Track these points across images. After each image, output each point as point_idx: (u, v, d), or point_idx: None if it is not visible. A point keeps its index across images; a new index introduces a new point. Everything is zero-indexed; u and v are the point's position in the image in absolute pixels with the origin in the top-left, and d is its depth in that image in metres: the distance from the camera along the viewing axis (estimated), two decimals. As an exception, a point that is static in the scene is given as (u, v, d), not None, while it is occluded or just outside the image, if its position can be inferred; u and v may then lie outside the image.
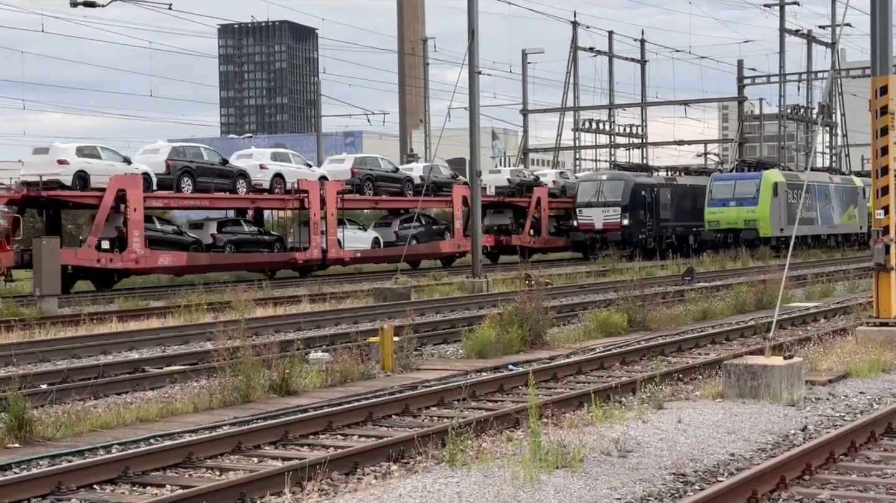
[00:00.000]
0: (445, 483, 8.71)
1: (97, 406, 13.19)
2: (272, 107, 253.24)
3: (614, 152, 75.34)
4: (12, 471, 9.98)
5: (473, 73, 35.04)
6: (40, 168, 34.33)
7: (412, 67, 72.62)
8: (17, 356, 16.15)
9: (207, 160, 38.67)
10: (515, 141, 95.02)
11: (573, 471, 9.11)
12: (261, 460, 10.48)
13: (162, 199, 37.56)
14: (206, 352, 17.04)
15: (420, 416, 12.65)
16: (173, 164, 37.09)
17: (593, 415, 11.33)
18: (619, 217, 51.47)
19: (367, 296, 29.32)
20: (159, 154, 37.50)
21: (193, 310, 24.51)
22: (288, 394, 13.94)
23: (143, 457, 10.02)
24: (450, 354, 18.12)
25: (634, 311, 21.08)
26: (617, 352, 17.23)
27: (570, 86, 72.48)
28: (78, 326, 22.55)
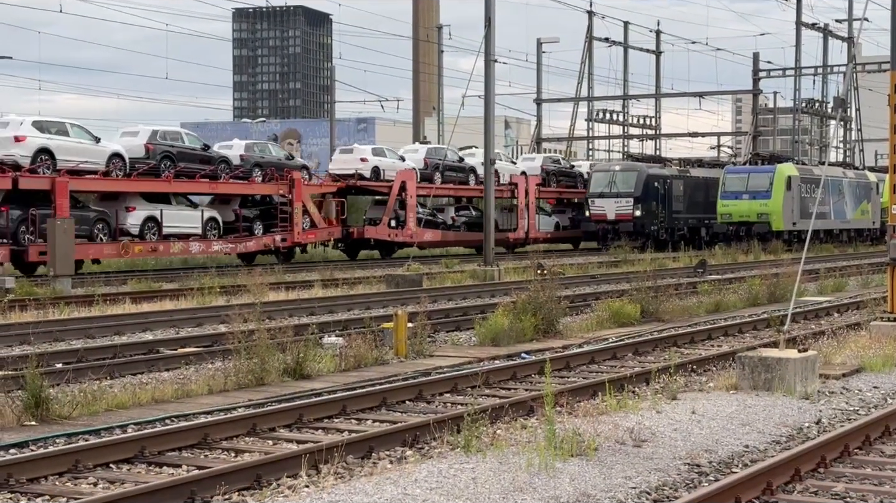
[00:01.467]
0: (461, 468, 8.75)
1: (113, 386, 13.25)
2: (285, 92, 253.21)
3: (627, 143, 75.23)
4: (29, 448, 10.04)
5: (489, 62, 35.00)
6: (347, 164, 43.96)
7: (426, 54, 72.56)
8: (32, 335, 16.20)
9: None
10: (528, 130, 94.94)
11: (588, 459, 9.14)
12: (276, 443, 10.52)
13: (425, 189, 44.07)
14: (220, 334, 17.10)
15: (434, 402, 12.69)
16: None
17: (607, 405, 11.35)
18: (631, 208, 51.40)
19: (380, 283, 29.37)
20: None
21: (206, 293, 24.57)
22: (302, 377, 13.99)
23: (158, 438, 10.07)
24: (463, 342, 18.16)
25: (647, 302, 21.10)
26: (630, 343, 17.24)
27: (584, 75, 72.37)
28: (91, 307, 22.63)
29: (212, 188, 37.67)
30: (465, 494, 8.05)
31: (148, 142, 36.04)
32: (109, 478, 9.08)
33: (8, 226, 30.75)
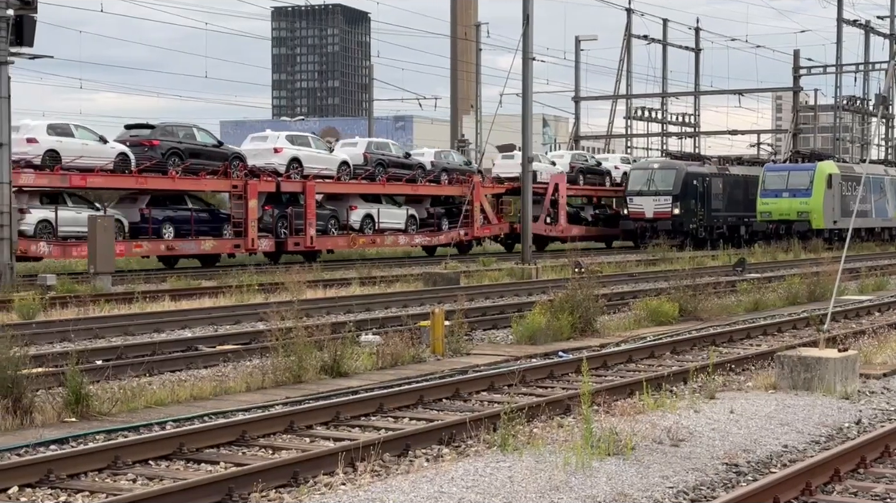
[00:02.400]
0: (497, 467, 8.75)
1: (152, 383, 13.34)
2: (324, 90, 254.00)
3: (666, 141, 74.88)
4: (70, 444, 10.12)
5: (527, 59, 34.98)
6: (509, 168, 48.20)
7: (465, 52, 72.50)
8: (73, 332, 16.35)
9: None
10: (566, 128, 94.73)
11: (625, 458, 9.11)
12: (313, 440, 10.56)
13: (572, 189, 51.73)
14: (259, 332, 17.18)
15: (471, 401, 12.68)
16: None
17: (645, 404, 11.31)
18: (669, 206, 51.19)
19: (417, 281, 29.40)
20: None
21: (245, 290, 24.69)
22: (339, 375, 14.03)
23: (197, 435, 10.13)
24: (500, 340, 18.14)
25: (685, 301, 20.98)
26: (668, 342, 17.17)
27: (622, 73, 72.10)
28: (131, 304, 22.80)
29: (413, 190, 43.80)
30: (501, 493, 8.05)
31: (365, 151, 42.50)
32: (148, 475, 9.15)
33: (273, 222, 37.80)
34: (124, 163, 34.10)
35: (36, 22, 27.68)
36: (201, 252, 36.74)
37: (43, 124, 33.43)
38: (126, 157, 34.15)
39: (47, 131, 32.87)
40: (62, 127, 33.90)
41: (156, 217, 35.14)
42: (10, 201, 27.77)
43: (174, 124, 37.70)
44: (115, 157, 33.87)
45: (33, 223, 31.86)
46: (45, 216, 32.19)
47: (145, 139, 35.52)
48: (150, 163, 34.87)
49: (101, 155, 33.58)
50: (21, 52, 27.99)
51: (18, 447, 9.92)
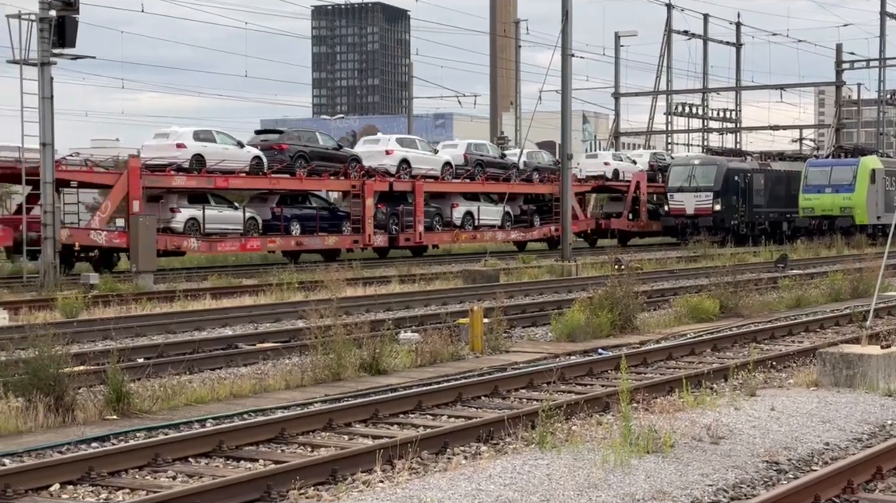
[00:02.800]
0: (535, 465, 8.72)
1: (192, 380, 13.42)
2: (363, 88, 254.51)
3: (707, 137, 74.41)
4: (111, 442, 10.20)
5: (566, 56, 34.87)
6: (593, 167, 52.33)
7: (504, 49, 72.36)
8: (115, 330, 16.48)
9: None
10: (606, 124, 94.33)
11: (664, 456, 9.06)
12: (351, 437, 10.58)
13: (651, 186, 54.39)
14: (298, 330, 17.23)
15: (509, 398, 12.67)
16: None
17: (684, 401, 11.24)
18: (711, 202, 50.86)
19: (456, 278, 29.40)
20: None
21: (285, 288, 24.78)
22: (378, 373, 14.05)
23: (236, 432, 10.18)
24: (539, 337, 18.10)
25: (726, 298, 20.84)
26: (708, 339, 17.07)
27: (663, 69, 71.72)
28: (172, 302, 22.95)
29: (509, 188, 44.25)
30: (539, 491, 8.02)
31: (466, 152, 45.06)
32: (188, 472, 9.20)
33: (385, 219, 40.51)
34: (258, 165, 36.66)
35: (78, 23, 27.92)
36: (325, 247, 39.22)
37: (189, 131, 36.34)
38: (260, 160, 36.72)
39: (193, 137, 35.69)
40: (206, 133, 36.80)
41: (285, 215, 38.14)
42: (53, 200, 28.02)
43: (299, 129, 43.06)
44: (251, 161, 36.41)
45: (183, 221, 34.83)
46: (193, 215, 35.03)
47: (275, 143, 38.31)
48: (280, 165, 37.45)
49: (239, 158, 36.29)
50: (63, 53, 28.25)
51: (60, 445, 10.01)
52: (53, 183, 27.96)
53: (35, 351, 11.26)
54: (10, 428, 10.57)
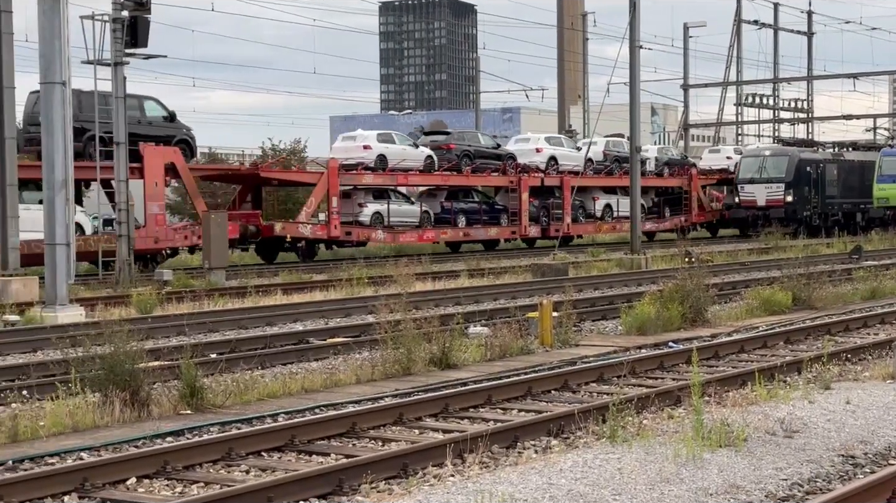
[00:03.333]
0: (606, 459, 8.69)
1: (264, 375, 13.53)
2: (431, 83, 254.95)
3: (778, 127, 73.52)
4: (185, 436, 10.33)
5: (634, 48, 34.65)
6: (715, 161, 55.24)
7: (571, 42, 72.04)
8: (188, 326, 16.68)
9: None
10: (675, 116, 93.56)
11: (737, 450, 8.97)
12: (422, 432, 10.61)
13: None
14: (368, 324, 17.32)
15: (579, 392, 12.63)
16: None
17: (757, 394, 11.13)
18: (782, 193, 50.27)
19: (525, 272, 29.35)
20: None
21: (354, 283, 24.91)
22: (448, 367, 14.08)
23: (308, 427, 10.25)
24: (609, 331, 18.03)
25: (799, 290, 20.60)
26: (781, 331, 16.88)
27: (732, 59, 70.97)
28: (244, 298, 23.17)
29: (644, 182, 45.01)
30: (610, 485, 7.99)
31: (605, 149, 48.19)
32: (261, 466, 9.29)
33: (537, 211, 44.51)
34: (430, 164, 40.72)
35: (149, 23, 28.28)
36: (487, 237, 43.61)
37: (373, 134, 41.32)
38: (432, 159, 40.79)
39: (377, 139, 40.15)
40: (386, 135, 41.55)
41: (454, 208, 42.42)
42: (128, 198, 28.42)
43: (463, 130, 48.19)
44: (424, 160, 40.48)
45: (369, 214, 39.26)
46: (378, 209, 39.45)
47: (443, 143, 42.48)
48: (449, 163, 41.54)
49: (415, 157, 40.34)
50: (136, 53, 28.62)
51: (136, 439, 10.16)
52: (127, 181, 28.33)
53: (111, 347, 11.43)
54: (87, 422, 10.75)
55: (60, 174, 19.46)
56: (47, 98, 19.60)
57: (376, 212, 39.21)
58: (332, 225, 37.14)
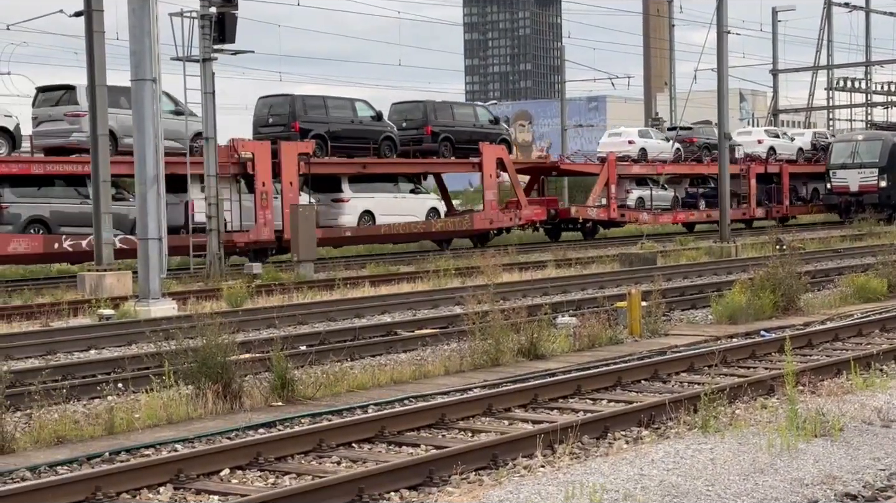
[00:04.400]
0: (698, 449, 8.59)
1: (353, 367, 13.62)
2: (516, 73, 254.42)
3: (871, 111, 72.04)
4: (277, 428, 10.43)
5: (721, 33, 34.21)
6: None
7: (657, 29, 71.42)
8: (278, 318, 16.84)
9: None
10: (764, 102, 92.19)
11: (832, 440, 8.82)
12: (511, 423, 10.59)
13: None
14: (456, 316, 17.34)
15: (670, 382, 12.51)
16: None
17: (853, 383, 10.93)
18: (876, 179, 49.28)
19: (613, 262, 29.16)
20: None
21: (441, 275, 24.96)
22: (536, 358, 14.03)
23: (398, 418, 10.29)
24: (698, 320, 17.84)
25: (895, 277, 20.18)
26: (876, 319, 16.56)
27: (823, 43, 69.68)
28: (333, 291, 23.34)
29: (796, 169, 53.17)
30: (703, 475, 7.90)
31: (812, 140, 55.06)
32: (351, 457, 9.34)
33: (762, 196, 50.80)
34: (679, 155, 47.37)
35: (237, 18, 28.59)
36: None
37: (635, 130, 48.62)
38: (679, 151, 47.38)
39: (638, 135, 47.32)
40: (645, 131, 48.91)
41: (697, 193, 48.95)
42: (217, 192, 28.78)
43: (698, 124, 52.26)
44: (674, 152, 47.03)
45: (634, 199, 46.32)
46: (640, 194, 46.54)
47: (686, 137, 48.78)
48: (693, 155, 48.10)
49: (667, 150, 47.09)
50: (223, 49, 28.96)
51: (229, 431, 10.28)
52: (216, 176, 28.70)
53: (203, 340, 11.58)
54: (181, 414, 10.91)
55: (152, 170, 19.76)
56: (138, 95, 19.90)
57: (639, 197, 46.39)
58: (612, 208, 44.03)
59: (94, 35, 24.28)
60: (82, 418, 10.77)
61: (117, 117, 27.68)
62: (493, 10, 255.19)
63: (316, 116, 34.61)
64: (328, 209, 34.92)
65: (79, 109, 28.87)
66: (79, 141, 28.85)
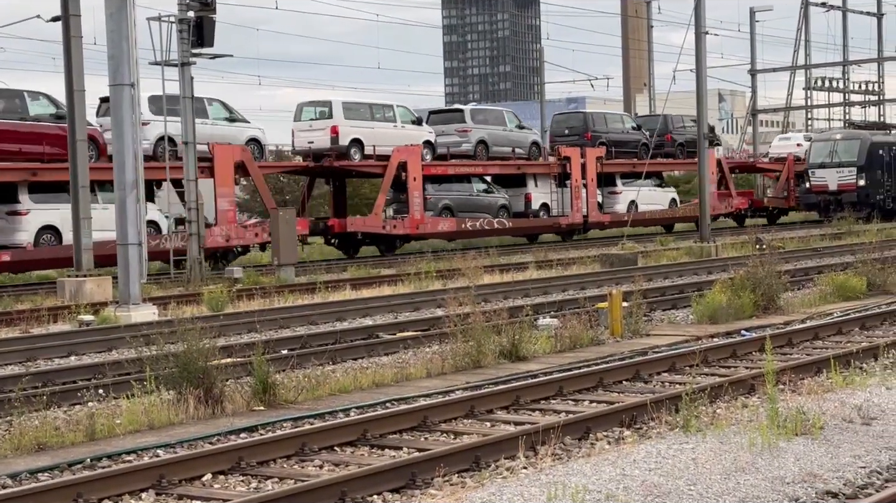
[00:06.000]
0: (680, 449, 8.62)
1: (335, 371, 13.61)
2: (495, 75, 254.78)
3: (849, 111, 72.39)
4: (259, 432, 10.41)
5: (700, 34, 34.30)
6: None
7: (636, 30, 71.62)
8: (259, 322, 16.81)
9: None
10: (743, 102, 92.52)
11: (813, 438, 8.86)
12: (493, 424, 10.60)
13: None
14: (437, 318, 17.34)
15: (651, 382, 12.55)
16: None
17: (833, 382, 10.99)
18: (854, 178, 49.51)
19: (594, 262, 29.21)
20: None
21: (423, 277, 24.95)
22: (518, 359, 14.05)
23: (380, 421, 10.28)
24: (679, 320, 17.89)
25: (874, 275, 20.31)
26: (856, 317, 16.64)
27: (800, 43, 69.99)
28: (314, 294, 23.30)
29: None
30: (685, 475, 7.93)
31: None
32: (334, 461, 9.33)
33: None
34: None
35: (215, 22, 28.51)
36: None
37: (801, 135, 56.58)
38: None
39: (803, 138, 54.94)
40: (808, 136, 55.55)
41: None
42: (197, 197, 28.71)
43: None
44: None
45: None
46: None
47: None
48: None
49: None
50: (202, 53, 28.88)
51: (211, 436, 10.26)
52: (196, 181, 28.62)
53: (184, 345, 11.55)
54: (162, 420, 10.88)
55: (131, 175, 19.70)
56: (116, 100, 19.84)
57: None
58: (790, 198, 52.77)
59: (72, 40, 24.16)
60: (63, 424, 10.73)
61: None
62: (471, 13, 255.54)
63: (600, 128, 44.65)
64: (607, 199, 44.88)
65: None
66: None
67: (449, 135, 39.16)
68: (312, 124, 35.75)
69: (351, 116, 35.86)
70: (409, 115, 38.14)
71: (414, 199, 36.56)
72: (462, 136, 39.57)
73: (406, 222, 36.48)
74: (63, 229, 28.08)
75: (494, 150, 40.22)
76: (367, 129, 36.03)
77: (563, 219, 42.16)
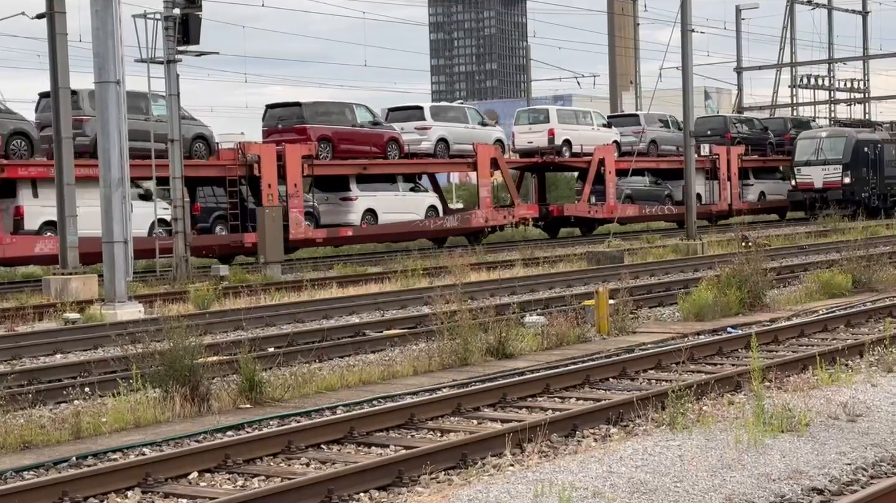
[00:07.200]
0: (666, 446, 8.63)
1: (322, 368, 13.59)
2: (482, 73, 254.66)
3: (834, 108, 72.59)
4: (245, 430, 10.39)
5: (686, 32, 34.37)
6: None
7: (622, 28, 71.54)
8: (245, 320, 16.78)
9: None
10: (729, 100, 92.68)
11: (799, 435, 8.88)
12: (480, 422, 10.61)
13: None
14: (424, 316, 17.33)
15: (637, 379, 12.56)
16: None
17: (819, 379, 11.00)
18: (840, 175, 49.64)
19: (580, 260, 29.24)
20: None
21: (409, 275, 24.94)
22: (505, 357, 14.06)
23: (367, 418, 10.28)
24: (666, 317, 17.91)
25: (859, 272, 20.36)
26: (842, 314, 16.68)
27: (786, 41, 70.12)
28: (300, 292, 23.26)
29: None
30: (671, 472, 7.94)
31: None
32: (321, 459, 9.32)
33: None
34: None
35: (201, 20, 28.44)
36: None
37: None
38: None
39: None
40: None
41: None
42: (183, 195, 28.64)
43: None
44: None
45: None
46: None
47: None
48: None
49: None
50: (188, 50, 28.81)
51: (197, 434, 10.24)
52: (182, 178, 28.55)
53: (170, 343, 11.52)
54: (148, 418, 10.85)
55: (117, 172, 19.64)
56: (102, 97, 19.78)
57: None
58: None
59: (57, 37, 24.09)
60: (48, 423, 10.69)
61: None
62: (458, 10, 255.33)
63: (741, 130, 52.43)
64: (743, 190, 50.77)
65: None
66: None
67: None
68: (531, 127, 42.91)
69: (562, 121, 43.32)
70: (600, 119, 45.22)
71: (610, 189, 43.56)
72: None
73: (604, 208, 43.47)
74: (379, 212, 36.46)
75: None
76: (573, 132, 43.18)
77: (713, 206, 48.88)
